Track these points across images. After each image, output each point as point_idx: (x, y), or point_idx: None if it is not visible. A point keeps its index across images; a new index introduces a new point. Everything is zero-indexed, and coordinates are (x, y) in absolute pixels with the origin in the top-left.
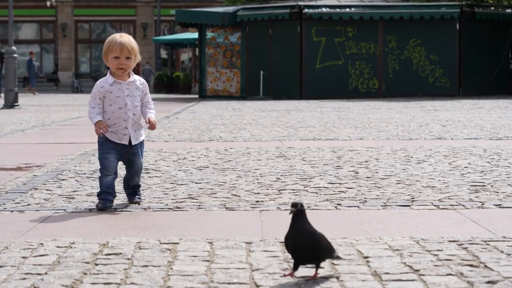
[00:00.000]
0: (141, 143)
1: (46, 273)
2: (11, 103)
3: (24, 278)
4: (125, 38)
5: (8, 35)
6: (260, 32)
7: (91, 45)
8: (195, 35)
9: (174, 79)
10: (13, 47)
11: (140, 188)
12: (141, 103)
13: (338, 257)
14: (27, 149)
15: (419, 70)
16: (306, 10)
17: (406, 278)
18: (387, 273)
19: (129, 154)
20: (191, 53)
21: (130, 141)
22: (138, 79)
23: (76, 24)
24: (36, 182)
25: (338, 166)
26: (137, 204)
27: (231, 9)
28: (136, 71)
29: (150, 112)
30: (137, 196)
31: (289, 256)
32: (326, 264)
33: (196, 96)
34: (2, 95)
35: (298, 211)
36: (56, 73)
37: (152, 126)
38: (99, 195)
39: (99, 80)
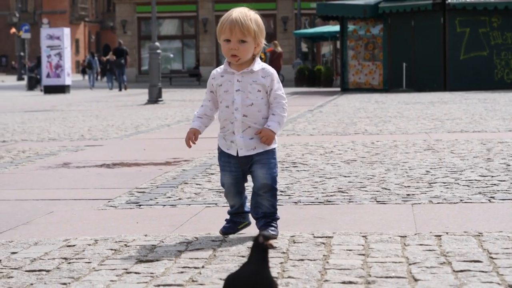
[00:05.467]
0: (267, 152)
1: (203, 267)
2: (155, 99)
3: (182, 272)
4: (240, 13)
5: (151, 31)
6: (402, 24)
7: None
8: (336, 28)
9: (315, 72)
10: (157, 43)
11: (277, 217)
12: (268, 103)
13: None
14: (174, 143)
15: None
16: (449, 0)
17: None
18: None
19: (247, 165)
20: (332, 46)
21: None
22: (262, 69)
23: (217, 19)
24: (186, 176)
25: (489, 158)
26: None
27: (372, 1)
28: (277, 63)
29: (272, 120)
30: (270, 229)
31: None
32: (484, 258)
33: (338, 89)
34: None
35: (265, 247)
36: (197, 68)
37: (263, 139)
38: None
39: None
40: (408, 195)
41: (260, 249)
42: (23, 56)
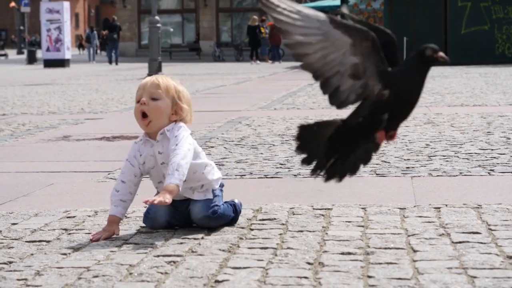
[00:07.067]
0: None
1: (202, 238)
2: (155, 73)
3: (181, 243)
4: (155, 76)
5: (151, 5)
6: None
7: (232, 14)
8: (336, 2)
9: None
10: (156, 17)
11: None
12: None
13: None
14: None
15: None
16: None
17: None
18: None
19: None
20: None
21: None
22: (169, 129)
23: None
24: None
25: (489, 132)
26: None
27: None
28: (277, 37)
29: (168, 178)
30: None
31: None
32: (483, 230)
33: None
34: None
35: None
36: (197, 43)
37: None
38: None
39: None
40: (408, 168)
41: (426, 62)
42: (22, 30)
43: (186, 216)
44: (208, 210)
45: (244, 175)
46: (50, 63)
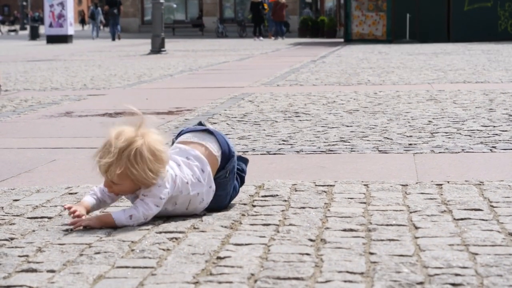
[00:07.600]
0: None
1: (204, 214)
2: (158, 49)
3: (183, 219)
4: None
5: None
6: None
7: None
8: None
9: (319, 23)
10: None
11: None
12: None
13: None
14: (177, 93)
15: None
16: None
17: None
18: None
19: None
20: None
21: None
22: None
23: None
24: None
25: (491, 109)
26: None
27: None
28: (280, 13)
29: (118, 212)
30: None
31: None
32: (485, 207)
33: (341, 40)
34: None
35: None
36: (201, 19)
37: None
38: None
39: None
40: (410, 144)
41: None
42: (25, 6)
43: None
44: (220, 205)
45: (247, 151)
46: (52, 39)
